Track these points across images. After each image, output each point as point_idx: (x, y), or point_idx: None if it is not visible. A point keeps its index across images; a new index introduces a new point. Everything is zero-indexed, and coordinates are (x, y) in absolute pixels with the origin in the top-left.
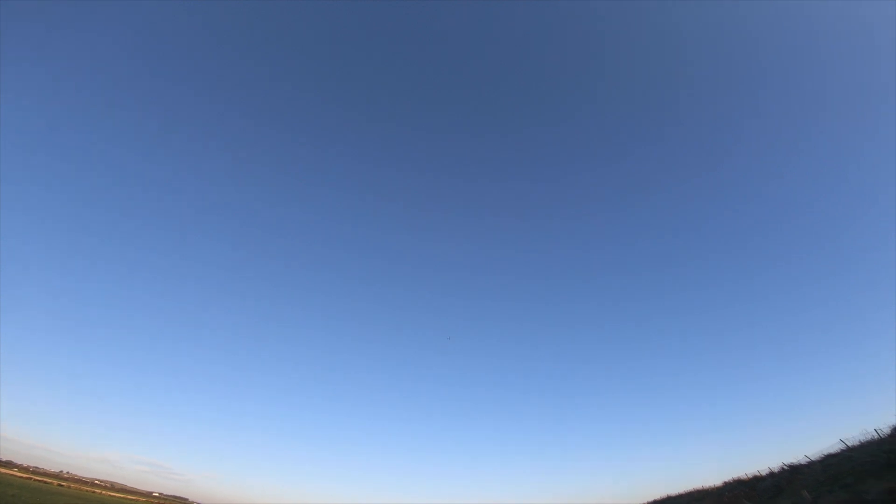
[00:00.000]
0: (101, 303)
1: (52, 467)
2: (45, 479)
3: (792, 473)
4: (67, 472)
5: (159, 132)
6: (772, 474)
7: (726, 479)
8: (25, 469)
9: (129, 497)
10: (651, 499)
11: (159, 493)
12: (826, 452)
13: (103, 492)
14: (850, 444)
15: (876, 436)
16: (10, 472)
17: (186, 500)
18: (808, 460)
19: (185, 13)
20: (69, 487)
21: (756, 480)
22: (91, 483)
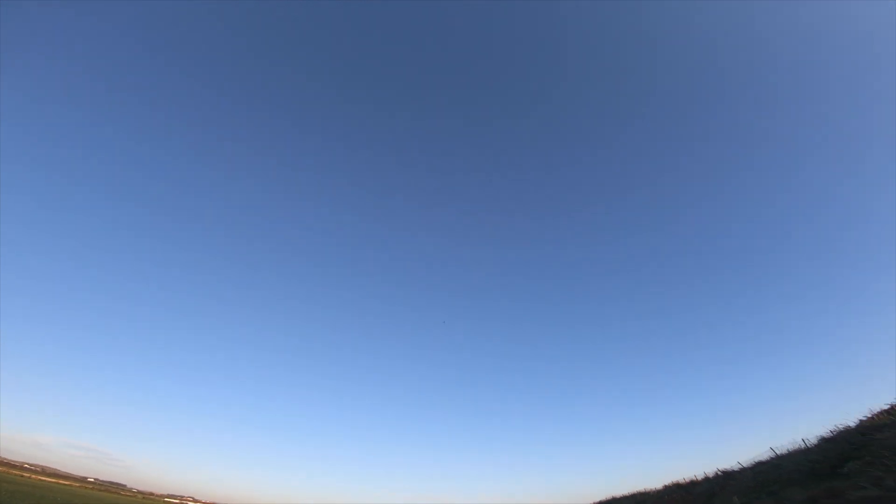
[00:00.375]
0: (35, 281)
1: None
2: None
3: (725, 479)
4: None
5: (160, 131)
6: (707, 479)
7: (666, 483)
8: None
9: (61, 482)
10: (596, 500)
11: (95, 479)
12: (757, 460)
13: (33, 476)
14: (778, 452)
15: (803, 445)
16: None
17: (125, 486)
18: (741, 467)
19: (185, 13)
20: None
21: (693, 485)
22: (20, 467)
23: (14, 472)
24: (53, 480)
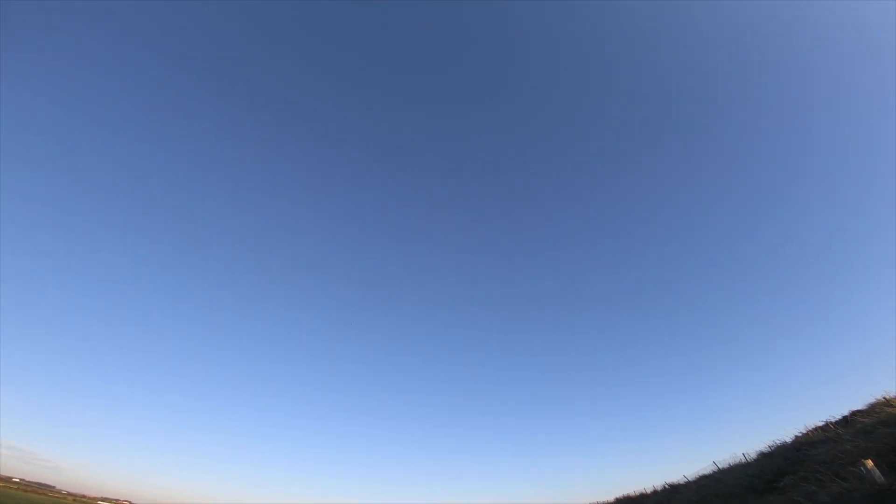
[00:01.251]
0: None
1: None
2: None
3: (671, 492)
4: None
5: (160, 131)
6: (655, 492)
7: (618, 496)
8: None
9: None
10: None
11: (20, 479)
12: (701, 473)
13: None
14: (720, 466)
15: (744, 460)
16: None
17: (53, 487)
18: (686, 480)
19: (186, 12)
20: None
21: (642, 497)
22: None
23: None
24: None
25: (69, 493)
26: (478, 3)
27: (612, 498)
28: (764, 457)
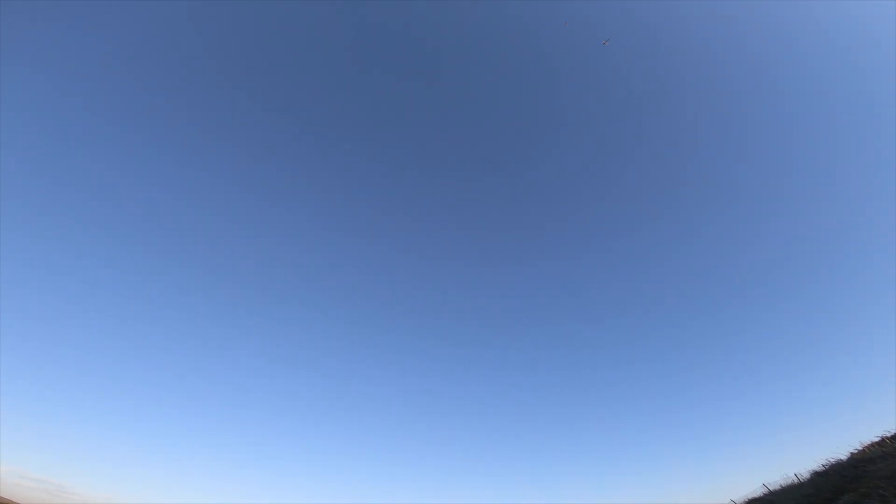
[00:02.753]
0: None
1: None
2: None
3: None
4: None
5: (159, 132)
6: None
7: None
8: None
9: None
10: None
11: None
12: (750, 497)
13: None
14: (771, 488)
15: (796, 480)
16: None
17: None
18: None
19: (186, 12)
20: None
21: None
22: None
23: None
24: None
25: None
26: (480, 3)
27: None
28: (818, 476)
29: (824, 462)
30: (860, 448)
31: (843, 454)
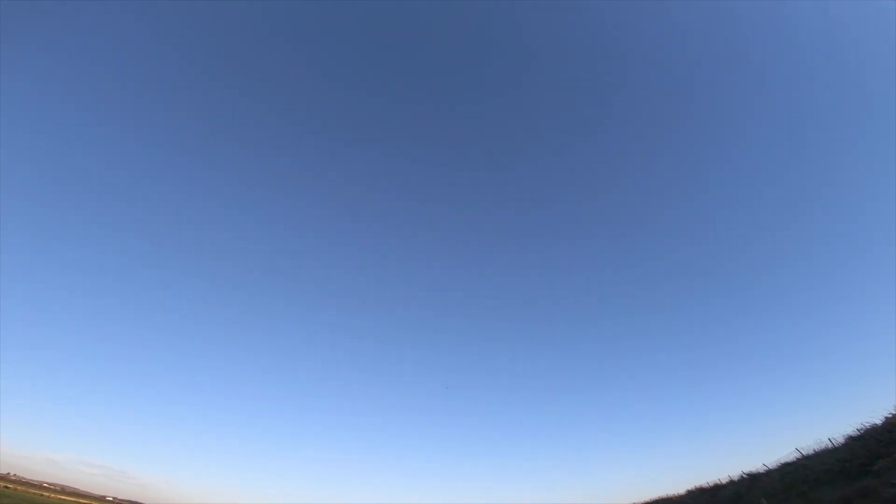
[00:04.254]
0: (47, 301)
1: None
2: None
3: (751, 482)
4: (14, 475)
5: (159, 132)
6: (732, 482)
7: (689, 488)
8: None
9: (81, 501)
10: None
11: (113, 497)
12: (783, 461)
13: (52, 495)
14: (805, 453)
15: (830, 445)
16: None
17: (141, 503)
18: (767, 469)
19: (186, 12)
20: (16, 490)
21: (717, 488)
22: (39, 486)
23: (34, 490)
24: (74, 499)
25: None
26: (484, 3)
27: (683, 490)
28: (854, 441)
29: (859, 427)
30: (895, 413)
31: (878, 419)
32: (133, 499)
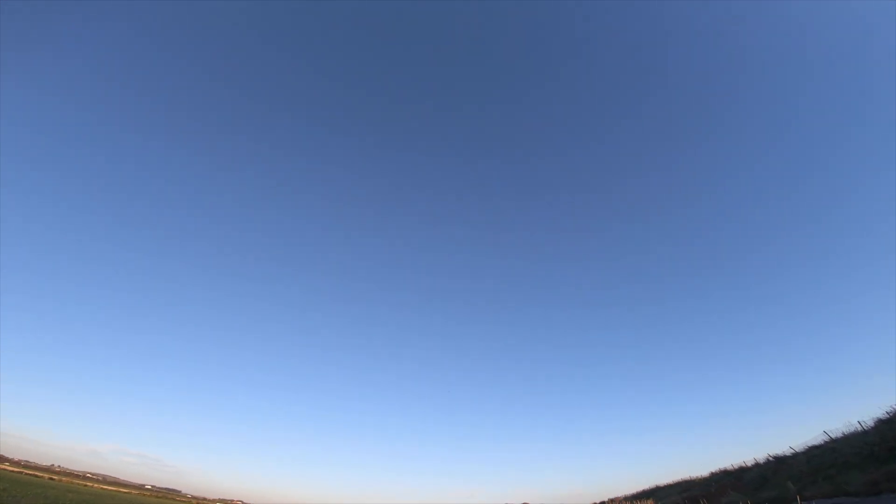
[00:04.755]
0: (85, 299)
1: (44, 461)
2: (36, 473)
3: (777, 465)
4: (59, 466)
5: (160, 131)
6: (757, 465)
7: (713, 470)
8: (17, 463)
9: (121, 490)
10: (640, 489)
11: (152, 486)
12: (810, 444)
13: (95, 485)
14: (833, 436)
15: (859, 428)
16: (1, 465)
17: (179, 491)
18: (793, 452)
19: (185, 12)
20: (60, 481)
21: (742, 471)
22: (83, 476)
23: (78, 481)
24: (114, 489)
25: (192, 496)
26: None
27: (706, 472)
28: (883, 424)
29: (889, 410)
30: None
31: None
32: (169, 486)
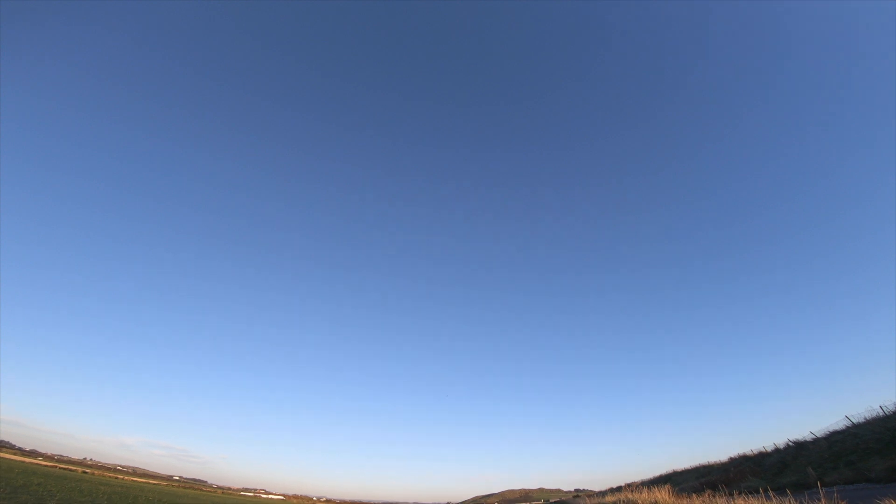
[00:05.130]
0: (111, 299)
1: (76, 454)
2: (69, 467)
3: (797, 450)
4: (91, 459)
5: (160, 130)
6: (777, 451)
7: (732, 455)
8: (50, 458)
9: (151, 482)
10: (657, 474)
11: (179, 477)
12: (831, 430)
13: (125, 477)
14: (855, 421)
15: (881, 413)
16: (36, 461)
17: (205, 482)
18: (814, 437)
19: (185, 12)
20: (93, 474)
21: (762, 456)
22: (114, 469)
23: (109, 474)
24: (144, 480)
25: (218, 487)
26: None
27: (725, 458)
28: None
29: None
30: None
31: None
32: (195, 477)
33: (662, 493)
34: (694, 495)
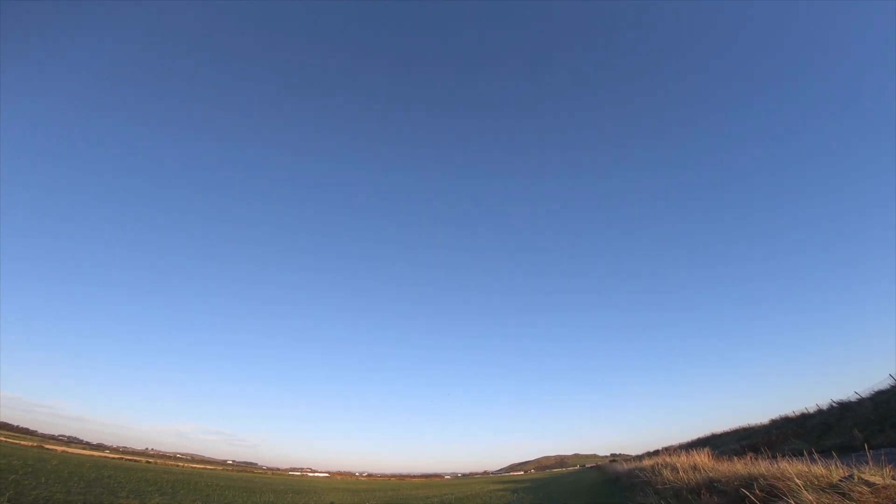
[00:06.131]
0: (152, 293)
1: (138, 445)
2: (134, 458)
3: (841, 411)
4: (152, 449)
5: (160, 129)
6: (820, 412)
7: (773, 417)
8: (115, 450)
9: (208, 467)
10: (695, 437)
11: (232, 461)
12: (876, 389)
13: (185, 464)
14: None
15: None
16: (104, 454)
17: (256, 464)
18: (858, 397)
19: (185, 12)
20: (156, 463)
21: (804, 418)
22: (174, 457)
23: (170, 462)
24: (202, 466)
25: (268, 468)
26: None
27: (767, 420)
28: None
29: None
30: None
31: None
32: (246, 460)
33: (702, 457)
34: (735, 458)
